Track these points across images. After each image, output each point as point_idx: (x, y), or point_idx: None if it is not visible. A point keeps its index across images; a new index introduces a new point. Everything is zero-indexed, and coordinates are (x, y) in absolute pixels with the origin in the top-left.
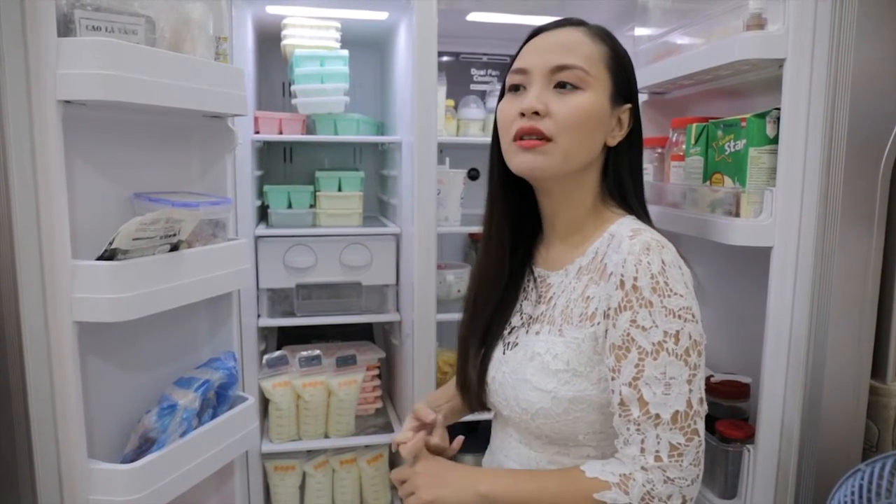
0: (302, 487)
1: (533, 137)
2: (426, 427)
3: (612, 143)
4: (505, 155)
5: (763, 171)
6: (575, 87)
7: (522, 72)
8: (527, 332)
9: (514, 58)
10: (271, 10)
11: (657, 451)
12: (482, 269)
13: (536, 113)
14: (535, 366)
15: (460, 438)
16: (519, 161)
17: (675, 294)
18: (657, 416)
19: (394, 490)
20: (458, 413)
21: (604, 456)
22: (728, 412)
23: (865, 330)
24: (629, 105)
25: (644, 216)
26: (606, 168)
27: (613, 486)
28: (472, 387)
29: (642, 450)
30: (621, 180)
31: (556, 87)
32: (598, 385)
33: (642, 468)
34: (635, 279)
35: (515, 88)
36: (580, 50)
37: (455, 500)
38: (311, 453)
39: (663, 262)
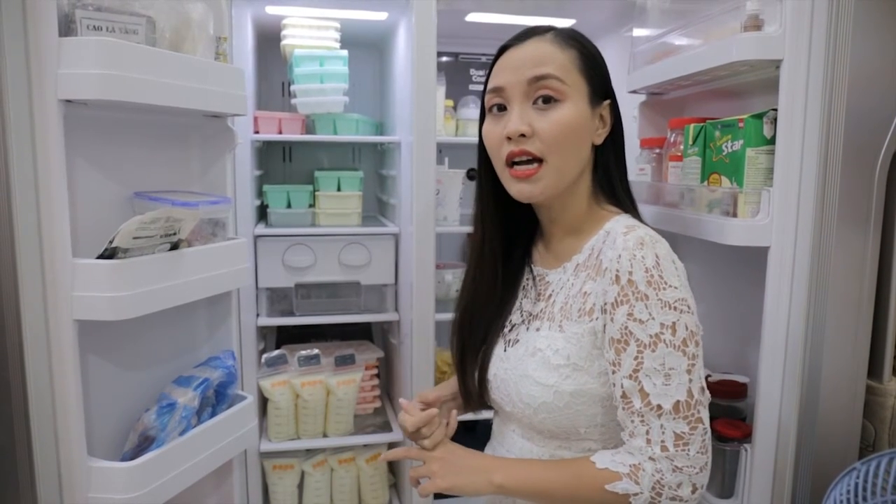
0: (300, 486)
1: (524, 160)
2: (431, 406)
3: (598, 141)
4: (501, 179)
5: (760, 171)
6: (555, 101)
7: (499, 90)
8: (527, 328)
9: (487, 77)
10: (271, 10)
11: (662, 441)
12: (476, 280)
13: (523, 135)
14: (536, 361)
15: (454, 413)
16: (516, 190)
17: (670, 286)
18: (658, 406)
19: (392, 489)
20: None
21: (605, 449)
22: (725, 412)
23: (862, 329)
24: (608, 101)
25: (632, 207)
26: (596, 166)
27: (624, 477)
28: (473, 386)
29: (648, 440)
30: (610, 175)
31: (535, 102)
32: (599, 378)
33: (650, 458)
34: (630, 273)
35: (496, 108)
36: (552, 60)
37: (471, 488)
38: (309, 452)
39: (657, 256)
